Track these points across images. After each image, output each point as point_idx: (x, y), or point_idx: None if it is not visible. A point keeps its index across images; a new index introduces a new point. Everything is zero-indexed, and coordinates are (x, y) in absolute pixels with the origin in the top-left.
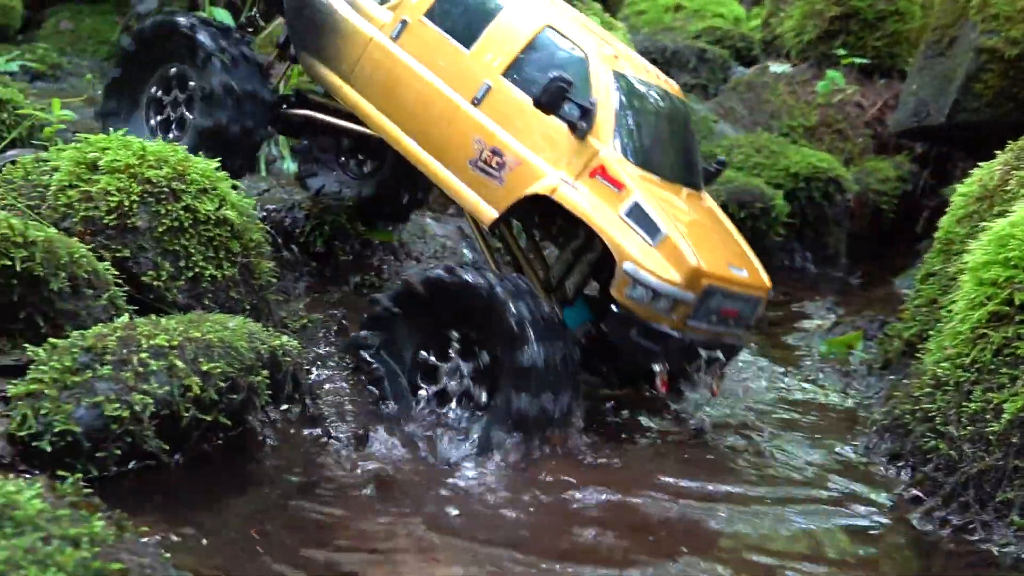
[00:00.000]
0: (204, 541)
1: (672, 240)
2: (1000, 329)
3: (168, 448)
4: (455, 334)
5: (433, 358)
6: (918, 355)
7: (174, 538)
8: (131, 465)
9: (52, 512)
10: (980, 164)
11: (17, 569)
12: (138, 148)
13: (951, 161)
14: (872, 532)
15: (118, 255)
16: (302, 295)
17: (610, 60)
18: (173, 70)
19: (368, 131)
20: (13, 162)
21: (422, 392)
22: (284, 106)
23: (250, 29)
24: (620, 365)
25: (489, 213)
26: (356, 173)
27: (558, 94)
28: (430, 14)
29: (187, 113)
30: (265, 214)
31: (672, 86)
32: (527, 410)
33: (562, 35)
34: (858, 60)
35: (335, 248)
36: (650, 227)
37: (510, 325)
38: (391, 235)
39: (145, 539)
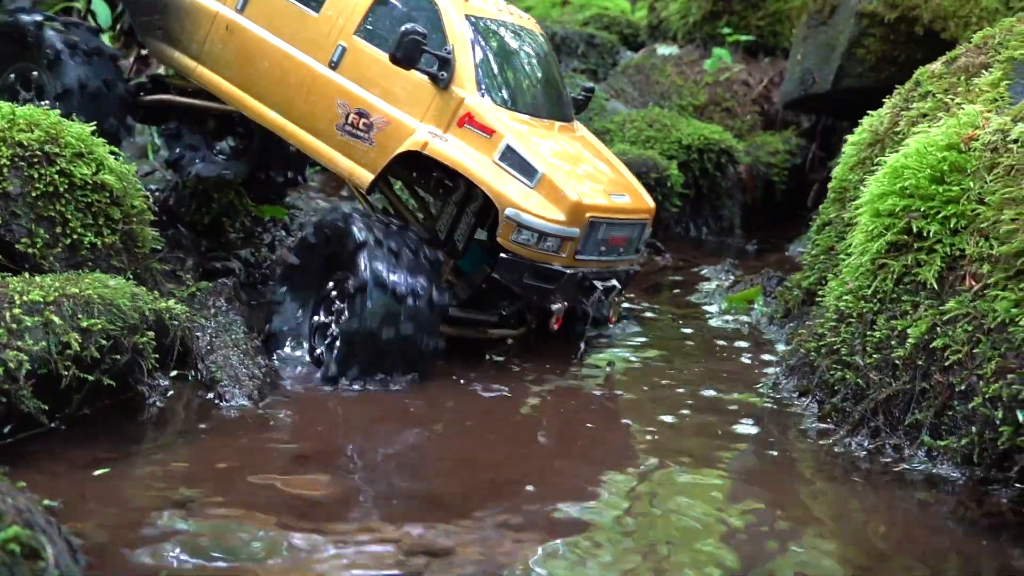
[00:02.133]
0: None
1: (550, 178)
2: (900, 258)
3: (48, 409)
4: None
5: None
6: (819, 301)
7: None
8: (7, 429)
9: None
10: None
11: None
12: (7, 112)
13: (837, 135)
14: (787, 459)
15: None
16: (191, 270)
17: (461, 4)
18: (22, 71)
19: (229, 109)
20: None
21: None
22: (140, 94)
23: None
24: (519, 306)
25: (364, 176)
26: (227, 154)
27: (413, 47)
28: None
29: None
30: (148, 194)
31: (528, 21)
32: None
33: None
34: (743, 38)
35: (224, 224)
36: (526, 169)
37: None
38: (284, 211)
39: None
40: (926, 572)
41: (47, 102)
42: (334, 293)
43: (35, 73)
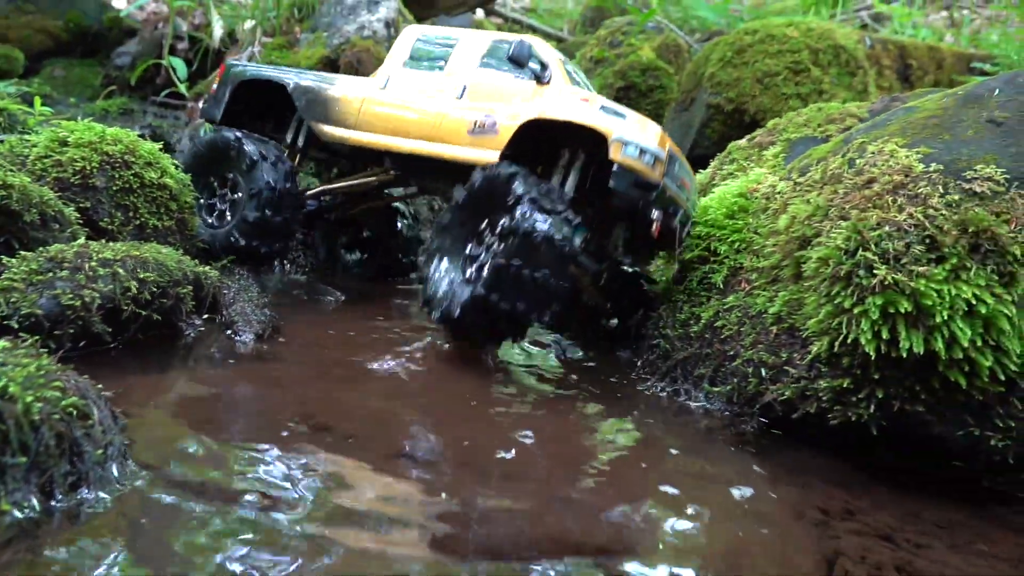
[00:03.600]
0: (129, 390)
1: (637, 119)
2: (701, 267)
3: (111, 332)
4: None
5: None
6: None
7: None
8: (81, 344)
9: (11, 349)
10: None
11: None
12: (99, 130)
13: None
14: (615, 396)
15: (81, 206)
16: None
17: (549, 45)
18: (222, 173)
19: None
20: (1, 141)
21: None
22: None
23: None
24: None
25: (493, 156)
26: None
27: (526, 50)
28: (406, 63)
29: (229, 211)
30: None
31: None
32: None
33: (508, 40)
34: None
35: None
36: (619, 114)
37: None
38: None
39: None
40: (703, 463)
41: (239, 195)
42: (487, 231)
43: (231, 176)
